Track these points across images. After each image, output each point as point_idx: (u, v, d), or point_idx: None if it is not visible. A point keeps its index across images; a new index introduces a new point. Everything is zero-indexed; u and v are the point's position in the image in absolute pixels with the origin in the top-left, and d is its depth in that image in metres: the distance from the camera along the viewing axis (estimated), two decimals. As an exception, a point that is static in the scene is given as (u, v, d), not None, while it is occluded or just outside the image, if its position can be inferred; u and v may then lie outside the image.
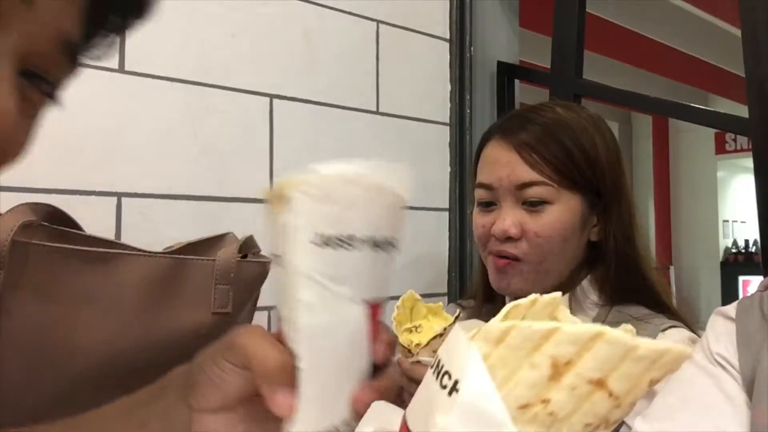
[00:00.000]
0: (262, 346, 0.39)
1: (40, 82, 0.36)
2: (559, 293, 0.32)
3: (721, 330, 0.67)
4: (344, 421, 0.40)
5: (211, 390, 0.41)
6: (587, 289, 0.86)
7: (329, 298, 0.38)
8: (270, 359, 0.38)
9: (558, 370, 0.26)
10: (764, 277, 1.07)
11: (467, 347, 0.28)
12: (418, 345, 0.77)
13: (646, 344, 0.26)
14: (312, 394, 0.38)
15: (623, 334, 0.26)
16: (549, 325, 0.27)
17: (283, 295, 0.39)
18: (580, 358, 0.26)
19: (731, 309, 0.69)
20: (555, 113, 0.85)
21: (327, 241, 0.38)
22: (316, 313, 0.38)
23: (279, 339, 0.40)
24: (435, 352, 0.76)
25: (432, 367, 0.31)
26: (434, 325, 0.79)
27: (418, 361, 0.76)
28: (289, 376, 0.38)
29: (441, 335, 0.76)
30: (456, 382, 0.28)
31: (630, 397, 0.27)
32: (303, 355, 0.38)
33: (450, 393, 0.28)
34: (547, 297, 0.31)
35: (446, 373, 0.29)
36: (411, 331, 0.78)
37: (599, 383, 0.26)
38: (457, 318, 0.80)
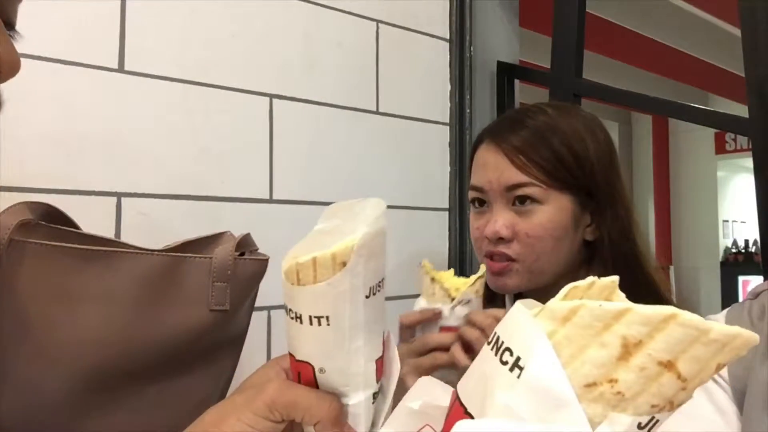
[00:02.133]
0: (306, 396, 0.41)
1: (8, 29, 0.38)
2: (616, 277, 0.32)
3: None
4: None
5: None
6: None
7: (374, 338, 0.43)
8: (325, 407, 0.40)
9: (628, 350, 0.26)
10: (764, 277, 1.07)
11: (531, 324, 0.28)
12: (457, 290, 0.80)
13: (718, 328, 0.26)
14: (370, 421, 0.44)
15: (696, 316, 0.26)
16: (621, 305, 0.27)
17: (326, 349, 0.42)
18: (651, 339, 0.26)
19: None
20: (546, 116, 0.86)
21: (373, 291, 0.42)
22: (368, 355, 0.42)
23: (303, 383, 0.42)
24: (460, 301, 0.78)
25: (489, 343, 0.31)
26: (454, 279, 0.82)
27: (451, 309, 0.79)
28: (340, 417, 0.41)
29: (473, 283, 0.80)
30: (518, 359, 0.28)
31: (696, 381, 0.27)
32: (358, 393, 0.42)
33: (512, 369, 0.28)
34: (605, 280, 0.31)
35: (507, 349, 0.28)
36: (434, 281, 0.82)
37: (669, 365, 0.26)
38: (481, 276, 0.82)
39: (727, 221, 6.60)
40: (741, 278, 5.90)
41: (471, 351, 0.74)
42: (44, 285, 0.66)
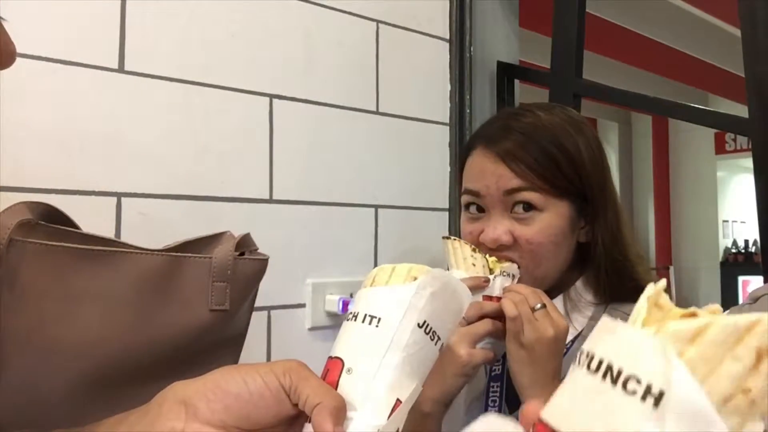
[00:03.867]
0: (323, 382, 0.43)
1: None
2: (662, 282, 0.33)
3: None
4: None
5: (238, 402, 0.41)
6: (581, 289, 0.87)
7: (406, 374, 0.44)
8: (335, 395, 0.42)
9: (760, 358, 0.27)
10: (764, 277, 1.07)
11: (659, 348, 0.28)
12: (493, 263, 0.81)
13: None
14: None
15: None
16: (751, 318, 0.28)
17: (362, 349, 0.44)
18: None
19: None
20: (536, 117, 0.85)
21: (427, 329, 0.44)
22: (394, 382, 0.43)
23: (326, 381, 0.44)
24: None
25: (590, 369, 0.30)
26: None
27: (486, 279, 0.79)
28: (343, 417, 0.42)
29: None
30: (650, 387, 0.27)
31: None
32: (362, 411, 0.43)
33: (644, 398, 0.27)
34: (656, 289, 0.32)
35: (631, 377, 0.28)
36: (475, 251, 0.82)
37: None
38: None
39: (726, 221, 6.60)
40: (741, 278, 5.90)
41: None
42: (44, 285, 0.66)
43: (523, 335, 0.74)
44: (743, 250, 6.35)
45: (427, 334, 0.44)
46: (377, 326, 0.44)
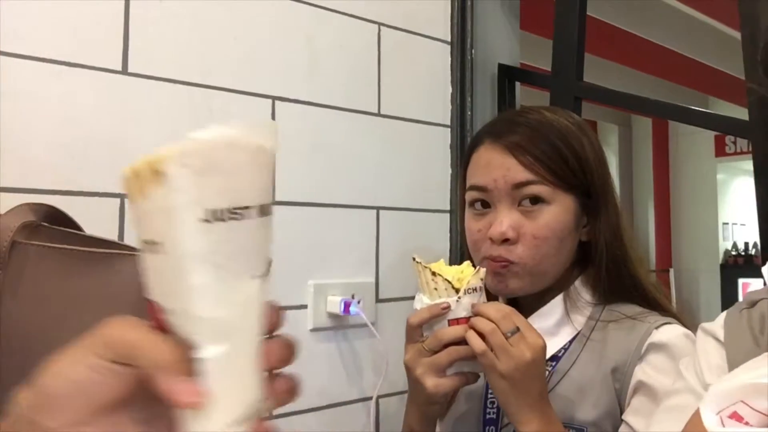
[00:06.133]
0: (150, 338, 0.35)
1: None
2: None
3: (714, 360, 0.65)
4: (258, 401, 0.37)
5: (75, 399, 0.36)
6: (580, 288, 0.87)
7: (230, 278, 0.35)
8: (166, 351, 0.35)
9: None
10: (764, 280, 1.07)
11: None
12: (459, 280, 0.77)
13: None
14: (225, 384, 0.35)
15: None
16: None
17: (167, 285, 0.36)
18: None
19: (719, 329, 0.67)
20: (540, 115, 0.87)
21: (219, 216, 0.34)
22: (219, 298, 0.35)
23: (159, 330, 0.36)
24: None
25: None
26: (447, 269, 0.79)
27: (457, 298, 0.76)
28: (188, 368, 0.35)
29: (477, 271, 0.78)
30: None
31: None
32: (208, 345, 0.35)
33: None
34: None
35: None
36: (435, 274, 0.78)
37: None
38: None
39: (726, 224, 6.60)
40: (741, 281, 5.90)
41: (484, 339, 0.73)
42: (46, 287, 0.66)
43: (500, 365, 0.71)
44: (743, 253, 6.35)
45: (226, 221, 0.34)
46: (165, 252, 0.35)
